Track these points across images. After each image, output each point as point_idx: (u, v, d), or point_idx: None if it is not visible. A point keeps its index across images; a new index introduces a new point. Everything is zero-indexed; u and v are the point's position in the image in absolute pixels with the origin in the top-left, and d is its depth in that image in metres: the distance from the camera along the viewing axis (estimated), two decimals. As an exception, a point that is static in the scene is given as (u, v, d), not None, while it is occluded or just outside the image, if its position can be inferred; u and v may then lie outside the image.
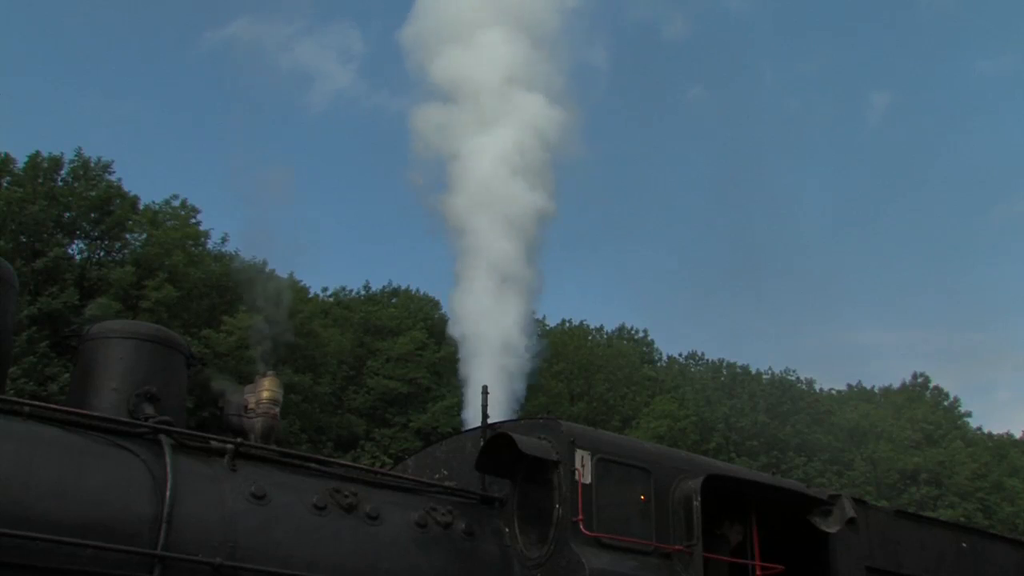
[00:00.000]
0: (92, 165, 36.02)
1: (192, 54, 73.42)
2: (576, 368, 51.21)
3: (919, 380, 67.19)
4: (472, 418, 11.05)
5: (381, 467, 13.89)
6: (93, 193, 35.33)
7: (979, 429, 64.56)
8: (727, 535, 9.28)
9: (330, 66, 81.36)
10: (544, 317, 58.64)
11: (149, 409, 7.59)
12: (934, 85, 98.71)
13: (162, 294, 33.21)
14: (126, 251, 35.96)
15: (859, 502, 10.19)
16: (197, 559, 6.79)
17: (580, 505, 7.95)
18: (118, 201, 35.98)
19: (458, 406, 38.96)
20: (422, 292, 49.52)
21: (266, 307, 9.91)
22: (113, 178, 36.44)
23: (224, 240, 38.78)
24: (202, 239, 38.12)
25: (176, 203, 38.34)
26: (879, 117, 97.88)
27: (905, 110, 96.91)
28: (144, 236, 36.15)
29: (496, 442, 8.39)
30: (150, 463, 7.05)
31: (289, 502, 7.50)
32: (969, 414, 65.49)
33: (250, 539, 7.14)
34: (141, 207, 37.34)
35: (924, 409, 61.83)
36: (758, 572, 9.16)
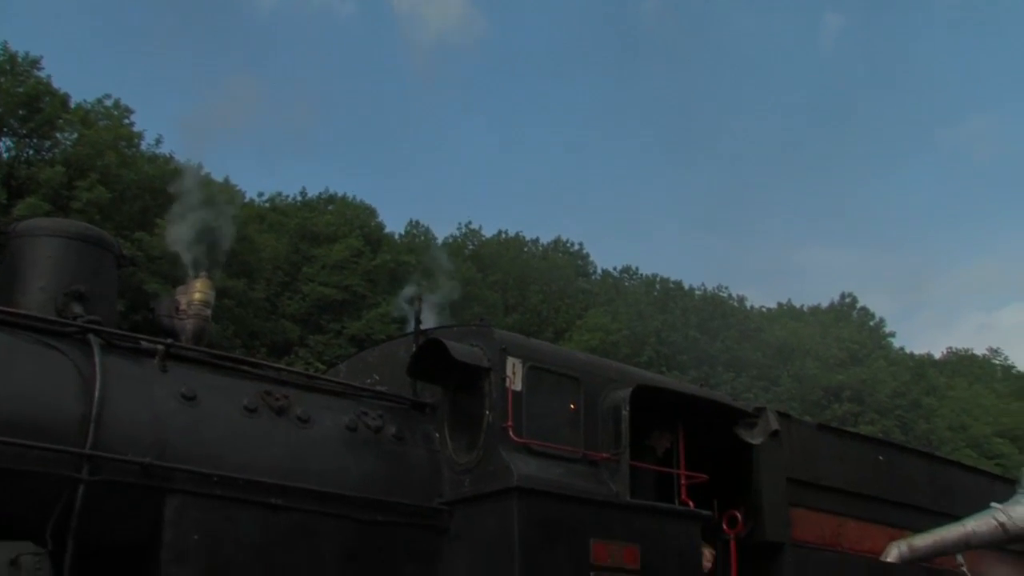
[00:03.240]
0: (20, 60, 34.94)
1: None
2: (511, 279, 51.42)
3: (847, 300, 68.63)
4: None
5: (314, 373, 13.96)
6: (21, 89, 34.36)
7: (901, 349, 66.32)
8: (654, 445, 9.44)
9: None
10: (480, 227, 58.77)
11: (78, 308, 7.45)
12: (886, 8, 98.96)
13: (94, 195, 32.57)
14: (56, 151, 35.14)
15: (783, 416, 10.42)
16: (126, 458, 6.76)
17: (510, 412, 8.03)
18: (47, 99, 35.03)
19: (392, 314, 39.08)
20: (359, 199, 49.19)
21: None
22: (42, 75, 35.46)
23: (158, 142, 38.08)
24: (136, 140, 37.35)
25: (109, 103, 37.48)
26: (832, 39, 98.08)
27: (857, 32, 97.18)
28: (75, 136, 35.32)
29: (428, 348, 8.43)
30: (79, 362, 6.96)
31: (220, 404, 7.47)
32: (893, 334, 67.24)
33: (180, 440, 7.11)
34: (72, 106, 36.42)
35: (850, 329, 63.27)
36: (683, 481, 9.35)
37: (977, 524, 11.36)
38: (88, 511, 6.57)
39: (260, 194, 47.75)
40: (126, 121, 37.33)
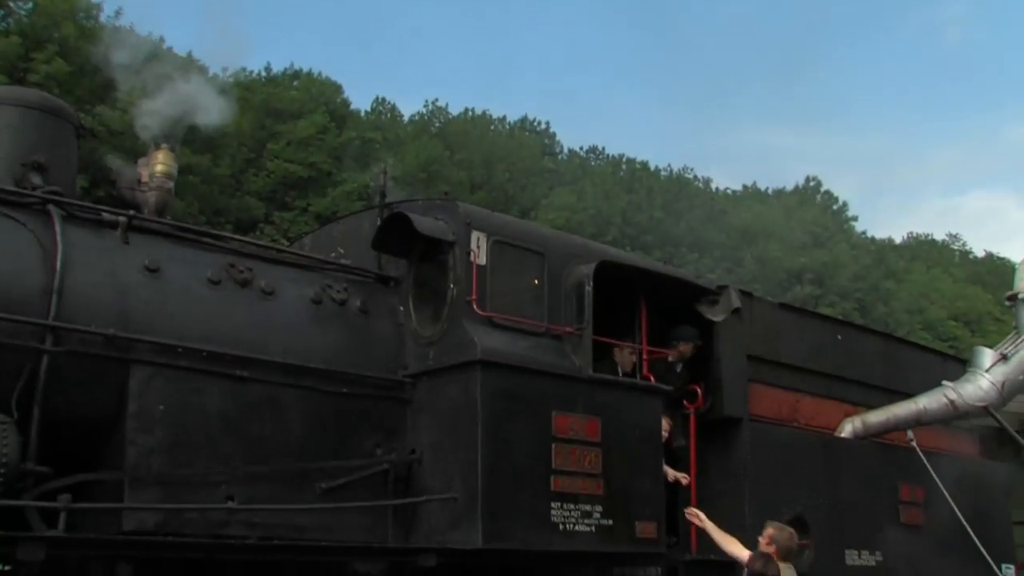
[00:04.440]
0: (-33, -77, 33.72)
1: None
2: (477, 158, 51.11)
3: (811, 184, 68.74)
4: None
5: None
6: (-31, -46, 33.22)
7: (863, 233, 66.91)
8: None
9: None
10: (447, 105, 58.15)
11: (37, 179, 7.31)
12: None
13: (52, 68, 31.74)
14: (10, 20, 34.11)
15: (745, 294, 10.55)
16: (90, 329, 6.76)
17: (474, 286, 8.05)
18: (-3, -37, 33.91)
19: (358, 192, 38.87)
20: (324, 75, 48.39)
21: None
22: (-10, -62, 34.21)
23: (118, 14, 37.04)
24: (94, 12, 36.32)
25: (64, -31, 36.27)
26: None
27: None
28: (30, 5, 34.28)
29: (393, 221, 8.41)
30: (39, 233, 6.88)
31: (183, 275, 7.44)
32: (855, 218, 67.73)
33: (144, 311, 7.09)
34: (24, -29, 35.25)
35: (814, 212, 63.57)
36: (644, 357, 9.49)
37: (928, 401, 11.70)
38: (53, 381, 6.60)
39: (224, 69, 46.78)
40: (83, -11, 36.22)
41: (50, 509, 6.33)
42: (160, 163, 8.14)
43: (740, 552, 8.40)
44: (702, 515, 8.80)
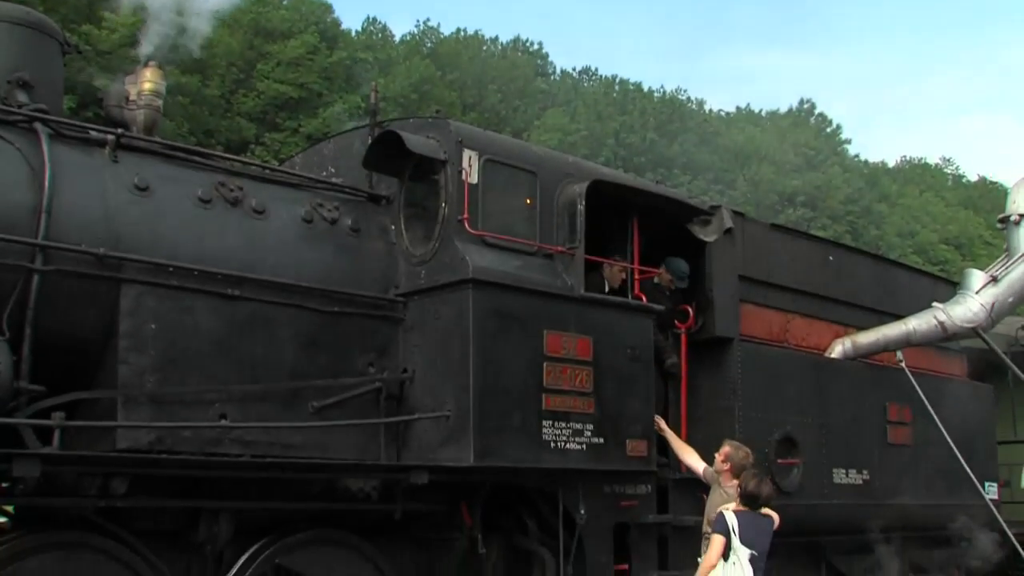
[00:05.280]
0: None
1: None
2: (469, 78, 50.69)
3: (805, 106, 68.45)
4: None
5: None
6: None
7: (856, 157, 66.82)
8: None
9: None
10: (439, 25, 57.56)
11: (22, 97, 7.18)
12: None
13: (35, -16, 31.24)
14: (-9, -66, 33.46)
15: (737, 214, 10.52)
16: (80, 248, 6.72)
17: (466, 204, 8.01)
18: None
19: (349, 112, 38.54)
20: (313, -6, 47.71)
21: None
22: None
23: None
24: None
25: None
26: None
27: None
28: (11, -82, 33.61)
29: (384, 140, 8.33)
30: (26, 152, 6.79)
31: (173, 194, 7.37)
32: (849, 141, 67.60)
33: (134, 230, 7.04)
34: None
35: (807, 134, 63.38)
36: (636, 276, 9.49)
37: (918, 323, 11.74)
38: (43, 301, 6.58)
39: (211, -13, 46.04)
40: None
41: (44, 427, 6.36)
42: (148, 80, 8.00)
43: (696, 464, 8.86)
44: (662, 422, 9.17)
